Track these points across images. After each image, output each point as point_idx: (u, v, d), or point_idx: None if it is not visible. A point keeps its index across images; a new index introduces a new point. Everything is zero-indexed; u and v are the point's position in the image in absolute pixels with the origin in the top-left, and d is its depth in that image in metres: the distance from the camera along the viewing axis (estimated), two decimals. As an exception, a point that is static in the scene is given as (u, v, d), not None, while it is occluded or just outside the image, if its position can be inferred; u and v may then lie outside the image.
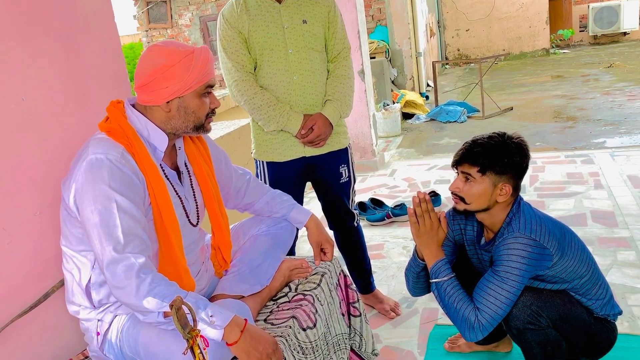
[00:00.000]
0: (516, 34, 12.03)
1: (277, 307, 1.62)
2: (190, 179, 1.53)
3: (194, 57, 1.34)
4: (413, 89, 7.93)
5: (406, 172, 4.49)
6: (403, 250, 3.00)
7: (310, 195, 3.71)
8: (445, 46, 12.59)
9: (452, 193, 1.63)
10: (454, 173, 1.65)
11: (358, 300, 1.87)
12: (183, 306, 1.11)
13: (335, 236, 2.34)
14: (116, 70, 1.76)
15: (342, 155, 2.19)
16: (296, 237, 2.06)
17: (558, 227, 1.60)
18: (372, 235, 3.26)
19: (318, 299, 1.64)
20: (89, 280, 1.37)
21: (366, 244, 2.42)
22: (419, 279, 1.77)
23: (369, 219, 3.44)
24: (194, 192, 1.52)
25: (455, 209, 1.66)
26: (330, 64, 2.14)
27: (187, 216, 1.48)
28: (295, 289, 1.69)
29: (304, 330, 1.54)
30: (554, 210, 3.22)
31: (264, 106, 2.01)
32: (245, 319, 1.28)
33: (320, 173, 2.18)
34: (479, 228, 1.74)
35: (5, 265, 1.39)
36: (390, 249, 3.06)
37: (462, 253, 1.83)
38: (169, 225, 1.37)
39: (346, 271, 1.92)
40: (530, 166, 1.63)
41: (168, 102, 1.36)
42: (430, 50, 9.98)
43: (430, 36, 10.27)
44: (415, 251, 1.73)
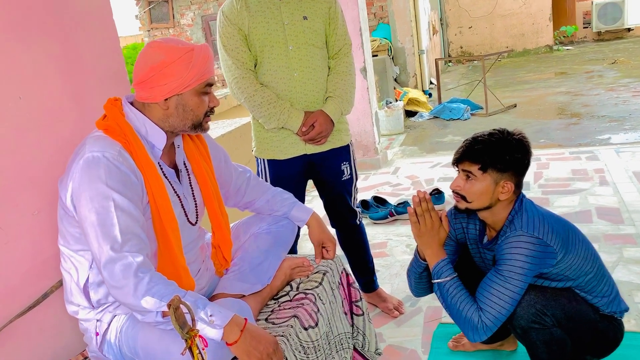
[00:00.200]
0: (519, 31, 11.97)
1: (279, 306, 1.60)
2: (189, 177, 1.51)
3: (193, 55, 1.33)
4: (416, 87, 7.89)
5: (409, 170, 4.46)
6: (406, 249, 2.98)
7: (312, 193, 3.70)
8: (448, 44, 12.55)
9: (453, 192, 1.61)
10: (455, 171, 1.62)
11: (361, 298, 1.86)
12: (181, 305, 1.09)
13: (338, 234, 2.32)
14: (115, 68, 1.75)
15: (344, 153, 2.17)
16: (298, 236, 2.04)
17: (561, 224, 1.58)
18: (375, 233, 3.24)
19: (320, 297, 1.63)
20: (87, 280, 1.36)
21: (369, 242, 2.40)
22: (421, 280, 1.75)
23: (372, 217, 3.42)
24: (192, 191, 1.51)
25: (456, 208, 1.64)
26: (331, 60, 2.12)
27: (186, 215, 1.47)
28: (297, 288, 1.68)
29: (306, 329, 1.52)
30: (559, 207, 3.19)
31: (264, 103, 1.99)
32: (245, 319, 1.26)
33: (322, 171, 2.16)
34: (481, 226, 1.72)
35: (3, 265, 1.38)
36: (394, 247, 3.04)
37: (465, 252, 1.80)
38: (167, 224, 1.35)
39: (348, 269, 1.90)
40: (534, 163, 1.61)
41: (166, 100, 1.35)
42: (433, 48, 9.94)
43: (433, 34, 10.23)
44: (417, 251, 1.71)
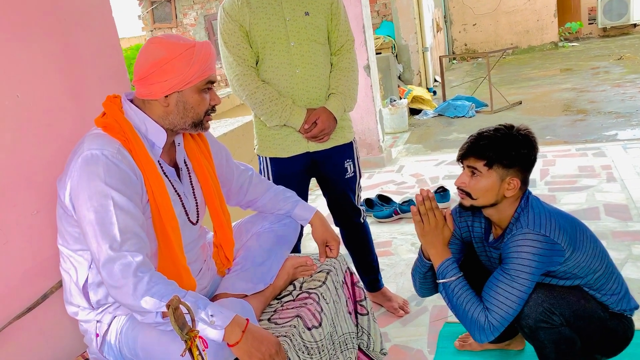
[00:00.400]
0: (524, 28, 11.90)
1: (282, 306, 1.58)
2: (189, 176, 1.49)
3: (194, 51, 1.31)
4: (420, 85, 7.85)
5: (414, 168, 4.43)
6: (411, 247, 2.95)
7: (316, 192, 3.67)
8: (452, 41, 12.50)
9: (458, 188, 1.58)
10: (460, 168, 1.59)
11: (365, 298, 1.83)
12: (181, 306, 1.06)
13: (342, 233, 2.30)
14: (115, 66, 1.73)
15: (347, 150, 2.14)
16: (301, 234, 2.02)
17: (569, 221, 1.55)
18: (380, 232, 3.22)
19: (323, 297, 1.60)
20: (86, 280, 1.34)
21: (374, 241, 2.37)
22: (426, 280, 1.72)
23: (377, 216, 3.39)
24: (193, 190, 1.49)
25: (461, 205, 1.61)
26: (333, 56, 2.09)
27: (187, 214, 1.45)
28: (300, 287, 1.65)
29: (309, 329, 1.49)
30: (566, 204, 3.15)
31: (266, 101, 1.97)
32: (247, 319, 1.24)
33: (325, 168, 2.13)
34: (486, 225, 1.69)
35: (2, 266, 1.36)
36: (399, 245, 3.01)
37: (470, 251, 1.77)
38: (167, 223, 1.33)
39: (353, 268, 1.88)
40: (540, 160, 1.58)
41: (167, 97, 1.33)
42: (437, 46, 9.89)
43: (437, 31, 10.18)
44: (421, 251, 1.68)
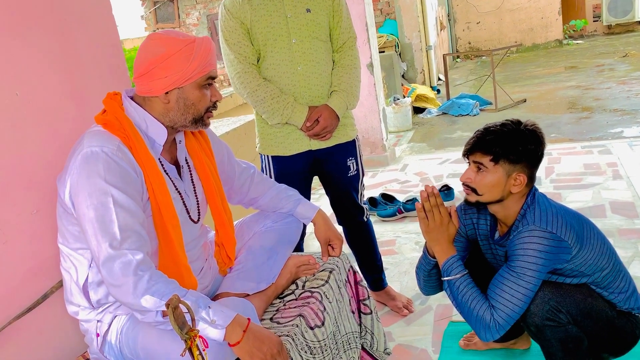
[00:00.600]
0: (528, 26, 11.85)
1: (284, 305, 1.56)
2: (190, 174, 1.48)
3: (194, 47, 1.29)
4: (424, 83, 7.82)
5: (418, 167, 4.41)
6: (415, 246, 2.93)
7: (320, 191, 3.66)
8: (456, 39, 12.45)
9: (464, 184, 1.56)
10: (465, 163, 1.57)
11: (368, 297, 1.81)
12: (181, 305, 1.05)
13: (345, 232, 2.28)
14: (115, 64, 1.71)
15: (350, 148, 2.12)
16: (304, 233, 2.01)
17: (576, 218, 1.52)
18: (384, 231, 3.20)
19: (326, 296, 1.58)
20: (86, 279, 1.32)
21: (377, 240, 2.35)
22: (431, 277, 1.70)
23: (380, 215, 3.37)
24: (194, 188, 1.47)
25: (466, 201, 1.59)
26: (335, 54, 2.07)
27: (188, 212, 1.43)
28: (303, 286, 1.64)
29: (312, 329, 1.48)
30: (571, 202, 3.13)
31: (267, 98, 1.95)
32: (248, 318, 1.22)
33: (327, 167, 2.11)
34: (492, 222, 1.67)
35: (1, 265, 1.35)
36: (402, 244, 2.99)
37: (475, 249, 1.75)
38: (168, 221, 1.32)
39: (356, 267, 1.86)
40: (545, 158, 1.55)
41: (167, 93, 1.32)
42: (440, 44, 9.86)
43: (441, 29, 10.15)
44: (426, 248, 1.66)
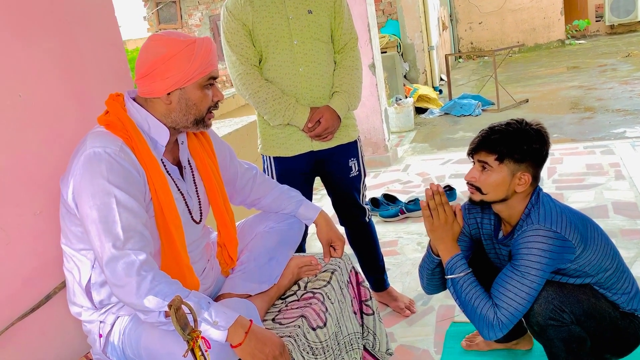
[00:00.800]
0: (530, 26, 11.82)
1: (286, 306, 1.56)
2: (192, 174, 1.48)
3: (195, 47, 1.30)
4: (426, 83, 7.82)
5: (420, 167, 4.40)
6: (417, 247, 2.93)
7: (322, 192, 3.65)
8: (458, 39, 12.44)
9: (468, 183, 1.56)
10: (470, 162, 1.57)
11: (371, 298, 1.81)
12: (183, 306, 1.05)
13: (347, 232, 2.28)
14: (117, 65, 1.72)
15: (352, 149, 2.12)
16: (306, 234, 2.01)
17: (580, 219, 1.52)
18: (386, 231, 3.19)
19: (328, 297, 1.58)
20: (89, 280, 1.33)
21: (380, 241, 2.35)
22: (434, 276, 1.70)
23: (382, 215, 3.37)
24: (196, 188, 1.47)
25: (471, 200, 1.59)
26: (337, 55, 2.07)
27: (190, 213, 1.43)
28: (305, 287, 1.64)
29: (314, 329, 1.48)
30: (574, 202, 3.12)
31: (269, 99, 1.95)
32: (250, 320, 1.22)
33: (329, 167, 2.11)
34: (496, 221, 1.67)
35: (4, 266, 1.36)
36: (405, 245, 2.99)
37: (479, 249, 1.75)
38: (171, 221, 1.32)
39: (358, 268, 1.86)
40: (547, 158, 1.55)
41: (169, 94, 1.32)
42: (443, 44, 9.85)
43: (443, 30, 10.14)
44: (430, 246, 1.66)
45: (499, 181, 1.50)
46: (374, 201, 3.47)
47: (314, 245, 2.87)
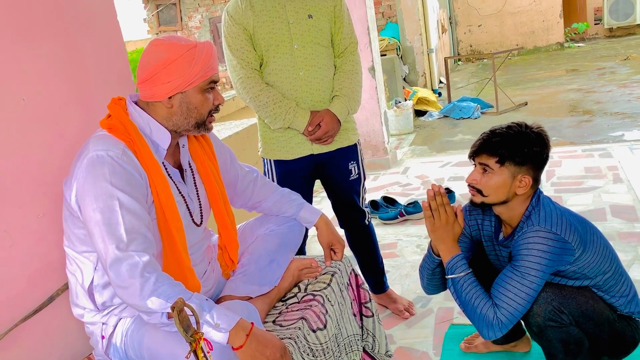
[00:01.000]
0: (529, 29, 11.84)
1: (286, 308, 1.57)
2: (193, 177, 1.49)
3: (196, 51, 1.31)
4: (425, 86, 7.83)
5: (419, 170, 4.42)
6: (417, 249, 2.94)
7: (321, 194, 3.67)
8: (458, 42, 12.46)
9: (469, 185, 1.57)
10: (471, 165, 1.59)
11: (370, 300, 1.82)
12: (186, 308, 1.06)
13: (346, 235, 2.29)
14: (119, 69, 1.73)
15: (351, 152, 2.14)
16: (306, 237, 2.02)
17: (580, 221, 1.54)
18: (385, 234, 3.21)
19: (328, 299, 1.60)
20: (92, 282, 1.34)
21: (379, 243, 2.37)
22: (434, 276, 1.71)
23: (382, 218, 3.38)
24: (197, 191, 1.49)
25: (472, 202, 1.60)
26: (337, 59, 2.09)
27: (191, 215, 1.45)
28: (305, 290, 1.65)
29: (314, 331, 1.49)
30: (572, 205, 3.13)
31: (269, 103, 1.97)
32: (252, 322, 1.24)
33: (329, 170, 2.13)
34: (496, 223, 1.68)
35: (8, 268, 1.37)
36: (404, 247, 3.00)
37: (479, 250, 1.77)
38: (172, 224, 1.33)
39: (357, 270, 1.87)
40: (546, 159, 1.57)
41: (170, 98, 1.34)
42: (442, 47, 9.88)
43: (442, 32, 10.17)
44: (431, 247, 1.68)
45: (500, 183, 1.52)
46: (374, 204, 3.48)
47: (314, 248, 2.88)
